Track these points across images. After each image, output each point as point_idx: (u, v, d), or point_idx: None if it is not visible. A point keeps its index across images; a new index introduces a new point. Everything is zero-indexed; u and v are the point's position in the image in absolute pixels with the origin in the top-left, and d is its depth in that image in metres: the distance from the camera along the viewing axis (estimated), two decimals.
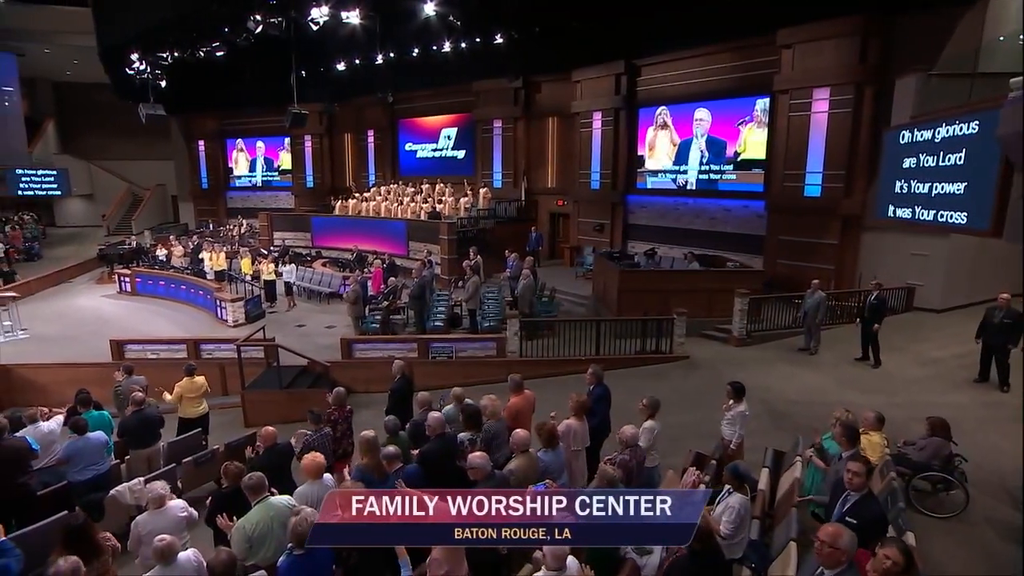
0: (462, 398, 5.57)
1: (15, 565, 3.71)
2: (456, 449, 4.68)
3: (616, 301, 10.82)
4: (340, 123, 21.78)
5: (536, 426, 4.57)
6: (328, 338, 10.53)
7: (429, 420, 4.64)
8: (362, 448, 4.51)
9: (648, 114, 15.64)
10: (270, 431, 4.81)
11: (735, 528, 3.67)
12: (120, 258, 17.82)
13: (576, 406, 5.17)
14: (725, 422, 5.49)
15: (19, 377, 9.75)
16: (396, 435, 5.02)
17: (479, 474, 3.75)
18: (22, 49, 21.87)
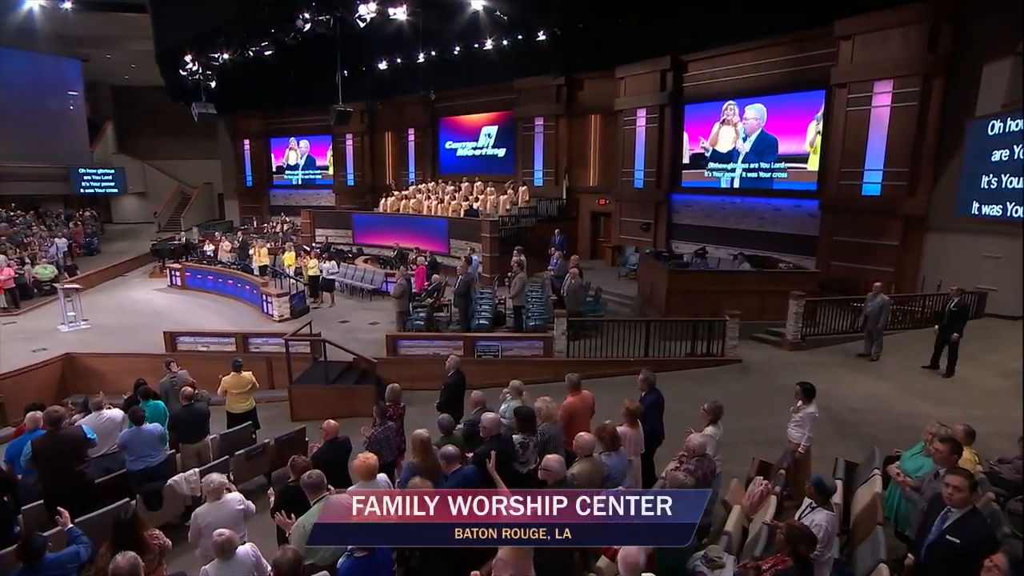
0: (521, 390, 5.45)
1: (85, 552, 3.76)
2: (513, 451, 4.55)
3: (664, 302, 10.53)
4: (381, 122, 22.00)
5: (597, 428, 4.39)
6: (372, 334, 10.58)
7: (483, 421, 4.53)
8: (415, 447, 4.42)
9: (694, 111, 15.22)
10: (333, 424, 4.80)
11: (823, 547, 3.41)
12: (171, 253, 18.41)
13: (627, 412, 4.98)
14: (793, 424, 5.20)
15: (82, 365, 10.12)
16: (450, 434, 4.92)
17: (553, 477, 3.59)
18: (87, 55, 23.02)
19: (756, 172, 13.96)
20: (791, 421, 5.24)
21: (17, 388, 9.11)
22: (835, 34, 11.47)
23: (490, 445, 4.43)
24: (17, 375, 9.35)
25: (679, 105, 15.45)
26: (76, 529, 3.92)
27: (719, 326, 9.35)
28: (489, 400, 5.86)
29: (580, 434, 4.13)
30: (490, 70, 16.76)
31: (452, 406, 6.35)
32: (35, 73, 22.40)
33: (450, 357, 6.48)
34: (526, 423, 4.66)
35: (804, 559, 2.91)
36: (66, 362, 10.13)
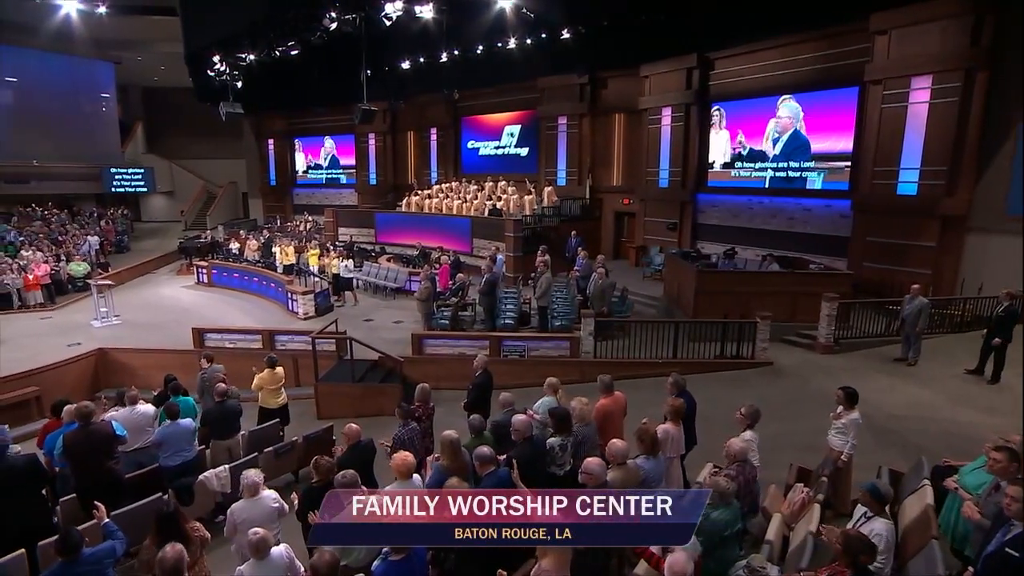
0: (557, 388, 5.36)
1: (120, 547, 3.78)
2: (546, 453, 4.47)
3: (692, 303, 10.34)
4: (403, 121, 22.09)
5: (637, 430, 4.28)
6: (396, 333, 10.57)
7: (515, 423, 4.44)
8: (444, 448, 4.36)
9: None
10: (354, 428, 4.74)
11: (884, 558, 3.25)
12: (197, 251, 18.71)
13: (673, 410, 4.87)
14: (834, 431, 5.01)
15: (114, 359, 10.32)
16: (481, 434, 4.85)
17: (594, 480, 3.50)
18: (119, 58, 23.59)
19: (786, 171, 13.66)
20: (832, 427, 5.06)
21: (54, 381, 9.34)
22: (871, 28, 11.13)
23: (522, 448, 4.35)
24: (54, 368, 9.58)
25: (706, 103, 15.21)
26: (112, 524, 3.94)
27: (749, 328, 9.14)
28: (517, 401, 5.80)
29: (613, 441, 4.02)
30: (513, 69, 16.66)
31: (480, 406, 6.28)
32: (71, 76, 23.08)
33: (478, 356, 6.41)
34: (562, 424, 4.57)
35: (864, 569, 2.77)
36: (99, 357, 10.35)
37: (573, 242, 13.94)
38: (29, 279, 14.40)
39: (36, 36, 19.40)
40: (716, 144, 14.98)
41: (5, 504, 4.60)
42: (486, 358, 6.46)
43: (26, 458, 4.93)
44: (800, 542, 3.83)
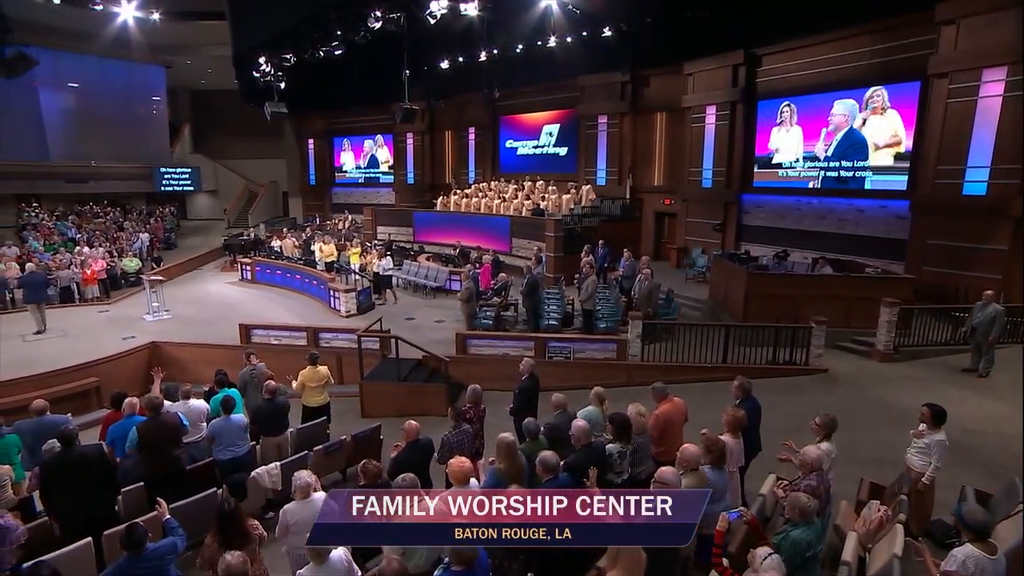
0: (604, 398, 5.21)
1: (181, 544, 3.81)
2: (606, 460, 4.32)
3: (741, 306, 10.01)
4: (441, 120, 22.19)
5: (705, 439, 4.09)
6: (438, 332, 10.54)
7: (573, 430, 4.31)
8: (500, 451, 4.26)
9: (769, 107, 14.49)
10: (414, 425, 4.68)
11: None
12: (241, 248, 19.17)
13: (732, 421, 4.65)
14: (915, 450, 4.70)
15: (165, 353, 10.59)
16: (536, 439, 4.73)
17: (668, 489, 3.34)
18: (170, 62, 24.48)
19: (838, 171, 13.12)
20: (912, 445, 4.75)
21: (111, 372, 9.66)
22: (936, 19, 10.55)
23: (581, 455, 4.22)
24: (112, 360, 9.90)
25: (752, 101, 14.76)
26: (173, 520, 3.97)
27: (803, 333, 8.78)
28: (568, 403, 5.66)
29: (686, 446, 3.84)
30: (552, 68, 16.53)
31: (526, 410, 6.18)
32: (126, 80, 24.09)
33: (524, 360, 6.28)
34: (622, 431, 4.42)
35: None
36: (152, 350, 10.65)
37: (600, 252, 12.66)
38: (87, 274, 15.00)
39: (95, 43, 20.29)
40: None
41: (75, 493, 4.73)
42: (532, 362, 6.31)
43: (96, 448, 5.07)
44: (884, 565, 3.58)
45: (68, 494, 4.75)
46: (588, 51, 15.24)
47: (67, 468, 4.74)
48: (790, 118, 14.05)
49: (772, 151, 14.49)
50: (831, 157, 13.21)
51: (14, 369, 9.42)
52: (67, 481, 4.75)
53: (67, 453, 4.77)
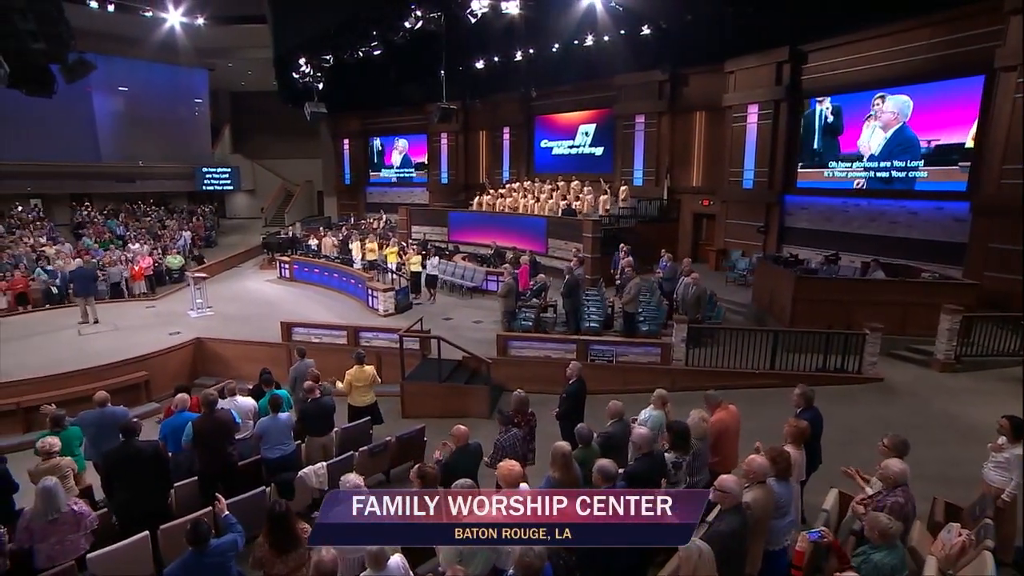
0: (666, 400, 5.06)
1: (241, 540, 3.81)
2: (666, 470, 4.18)
3: (789, 311, 9.67)
4: (475, 120, 22.20)
5: (770, 451, 3.91)
6: (477, 333, 10.49)
7: (635, 437, 4.18)
8: (555, 461, 4.15)
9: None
10: (462, 430, 4.60)
11: None
12: (279, 247, 19.53)
13: (795, 432, 4.44)
14: (993, 465, 4.42)
15: (209, 349, 10.82)
16: (589, 446, 4.61)
17: (730, 500, 3.19)
18: (213, 65, 25.21)
19: (889, 171, 12.59)
20: (990, 460, 4.46)
21: (159, 367, 9.92)
22: (1005, 8, 9.98)
23: (643, 463, 4.09)
24: (160, 355, 10.16)
25: (797, 99, 14.31)
26: (231, 516, 3.98)
27: (856, 340, 8.41)
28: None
29: (753, 457, 3.67)
30: (589, 66, 16.43)
31: (573, 415, 6.06)
32: (171, 83, 24.97)
33: (571, 363, 6.16)
34: (681, 440, 4.27)
35: None
36: (196, 346, 10.88)
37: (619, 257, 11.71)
38: (135, 270, 15.50)
39: (144, 48, 21.08)
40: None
41: (131, 486, 4.82)
42: (580, 365, 6.18)
43: (152, 443, 5.15)
44: None
45: (125, 487, 4.84)
46: (626, 50, 15.05)
47: (125, 461, 4.83)
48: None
49: (819, 150, 14.00)
50: (882, 156, 12.69)
51: (72, 362, 9.77)
52: (125, 474, 4.84)
53: (127, 446, 4.86)
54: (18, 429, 8.30)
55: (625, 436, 4.82)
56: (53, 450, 5.16)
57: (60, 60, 8.24)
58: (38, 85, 8.39)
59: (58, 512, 4.12)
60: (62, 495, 4.19)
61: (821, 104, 13.81)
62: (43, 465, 5.08)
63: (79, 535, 4.26)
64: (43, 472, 4.99)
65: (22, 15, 6.96)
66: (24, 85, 8.18)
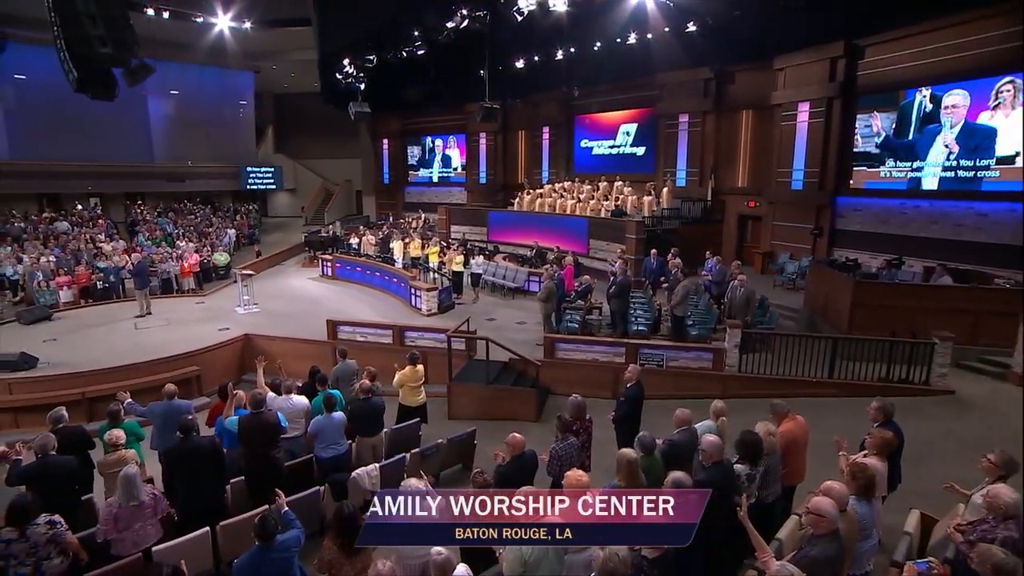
0: (723, 413, 4.87)
1: (302, 536, 3.81)
2: (736, 482, 3.99)
3: (847, 317, 9.26)
4: (514, 120, 22.13)
5: (851, 466, 3.68)
6: (521, 334, 10.40)
7: (706, 445, 4.00)
8: (621, 469, 4.01)
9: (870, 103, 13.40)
10: (518, 439, 4.48)
11: None
12: (320, 245, 19.86)
13: (880, 443, 4.18)
14: None
15: (257, 346, 11.00)
16: (651, 454, 4.46)
17: (826, 525, 2.99)
18: (258, 67, 25.92)
19: (954, 171, 11.94)
20: None
21: (209, 362, 10.18)
22: None
23: (714, 474, 3.91)
24: (210, 351, 10.42)
25: (852, 96, 13.72)
26: (291, 513, 3.99)
27: (923, 349, 7.98)
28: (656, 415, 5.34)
29: (831, 484, 3.42)
30: (631, 65, 16.16)
31: (631, 420, 5.91)
32: (219, 86, 25.81)
33: (630, 366, 6.00)
34: (751, 451, 4.07)
35: None
36: (245, 342, 11.11)
37: (654, 263, 11.47)
38: (184, 267, 15.99)
39: (194, 52, 21.85)
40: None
41: (191, 482, 4.90)
42: (639, 368, 6.01)
43: (210, 439, 5.23)
44: None
45: (185, 482, 4.93)
46: (670, 48, 14.73)
47: (185, 457, 4.92)
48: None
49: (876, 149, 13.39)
50: (948, 155, 12.04)
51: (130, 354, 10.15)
52: (184, 470, 4.93)
53: (185, 443, 4.94)
54: (82, 418, 8.62)
55: (691, 445, 4.64)
56: (120, 442, 5.30)
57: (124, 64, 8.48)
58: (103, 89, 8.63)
59: (139, 499, 4.23)
60: (140, 482, 4.30)
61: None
62: (111, 457, 5.23)
63: (156, 519, 4.38)
64: (112, 463, 5.13)
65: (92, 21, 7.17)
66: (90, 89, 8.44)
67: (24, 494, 4.10)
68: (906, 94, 12.67)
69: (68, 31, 6.97)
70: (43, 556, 3.79)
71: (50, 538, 3.83)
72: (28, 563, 3.73)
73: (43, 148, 21.05)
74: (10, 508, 3.81)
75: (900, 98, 12.77)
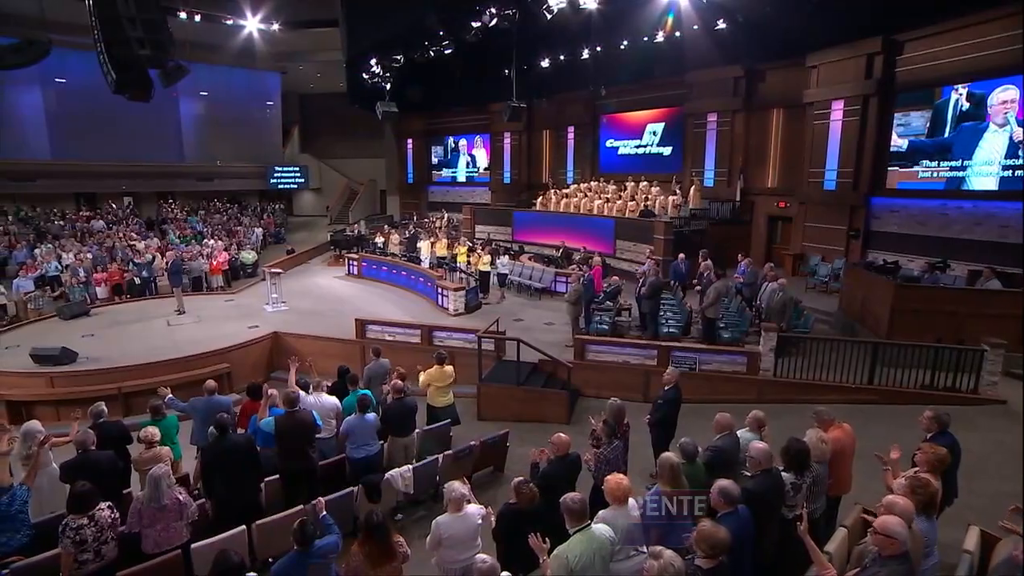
0: (764, 423, 4.71)
1: (340, 543, 3.78)
2: (785, 492, 3.85)
3: (886, 321, 8.96)
4: (539, 120, 22.01)
5: (912, 481, 3.51)
6: (549, 335, 10.29)
7: (753, 451, 3.86)
8: (664, 473, 3.89)
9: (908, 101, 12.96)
10: (564, 439, 4.40)
11: None
12: (346, 244, 20.01)
13: (934, 460, 3.95)
14: None
15: (285, 343, 11.11)
16: (693, 461, 4.33)
17: (896, 547, 2.84)
18: (285, 68, 26.28)
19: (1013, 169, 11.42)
20: None
21: (240, 360, 10.29)
22: None
23: (763, 483, 3.77)
24: (240, 348, 10.53)
25: (890, 93, 13.32)
26: (329, 518, 3.95)
27: (971, 356, 7.66)
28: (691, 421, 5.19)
29: (895, 499, 3.25)
30: (659, 64, 15.94)
31: (668, 424, 5.78)
32: (247, 87, 26.28)
33: (669, 369, 5.86)
34: (798, 460, 3.92)
35: None
36: (273, 340, 11.21)
37: (682, 266, 11.38)
38: (214, 265, 16.25)
39: (223, 54, 22.26)
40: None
41: (229, 481, 4.91)
42: (678, 371, 5.87)
43: (246, 437, 5.25)
44: None
45: (222, 481, 4.95)
46: (699, 46, 14.47)
47: (222, 455, 4.94)
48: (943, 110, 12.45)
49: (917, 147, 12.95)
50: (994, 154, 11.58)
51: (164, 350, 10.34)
52: (222, 468, 4.95)
53: (222, 441, 4.96)
54: (119, 412, 8.79)
55: (734, 451, 4.51)
56: (154, 440, 5.35)
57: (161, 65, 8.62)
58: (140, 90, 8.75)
59: (160, 502, 4.24)
60: (165, 485, 4.31)
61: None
62: (146, 454, 5.28)
63: (181, 523, 4.37)
64: (146, 460, 5.18)
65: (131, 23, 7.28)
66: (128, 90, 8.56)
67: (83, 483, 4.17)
68: (942, 92, 12.27)
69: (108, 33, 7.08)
70: (103, 540, 3.95)
71: (112, 522, 3.97)
72: (91, 549, 3.88)
73: (81, 149, 21.73)
74: (74, 496, 3.95)
75: (937, 96, 12.38)
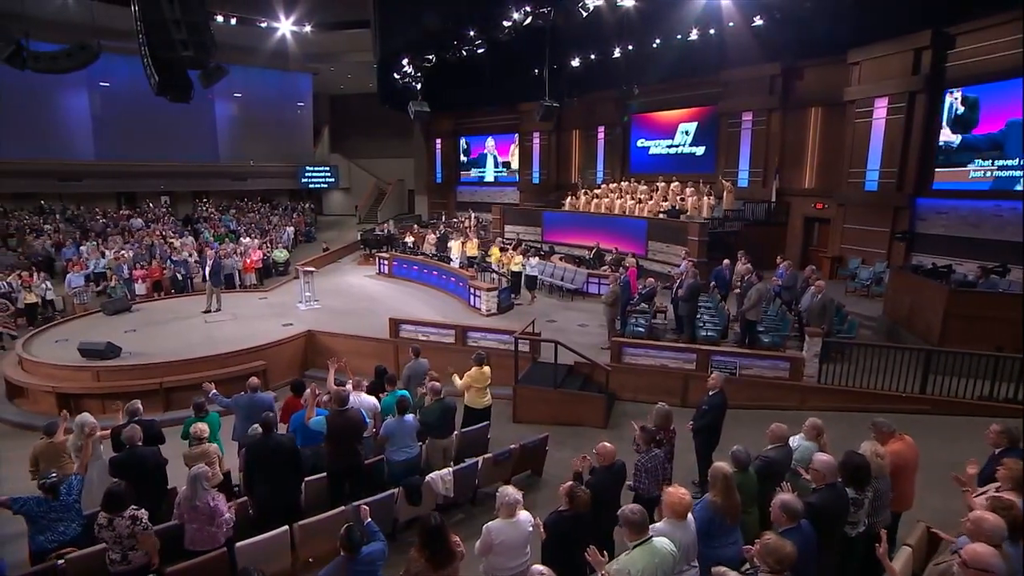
0: (822, 431, 4.53)
1: (386, 550, 3.73)
2: (847, 507, 3.68)
3: (938, 328, 8.60)
4: (568, 119, 21.81)
5: (994, 502, 3.30)
6: (583, 337, 10.14)
7: (818, 464, 3.68)
8: (716, 484, 3.75)
9: None
10: (609, 448, 4.28)
11: None
12: (376, 243, 20.14)
13: (1017, 476, 3.73)
14: None
15: (319, 342, 11.19)
16: (745, 471, 4.16)
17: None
18: (316, 69, 26.71)
19: None
20: None
21: (275, 357, 10.41)
22: None
23: (826, 496, 3.60)
24: (275, 346, 10.65)
25: (937, 90, 12.80)
26: (374, 524, 3.91)
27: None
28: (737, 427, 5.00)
29: (983, 515, 3.06)
30: (692, 62, 15.66)
31: (710, 430, 5.62)
32: (279, 88, 26.84)
33: (714, 374, 5.71)
34: (858, 475, 3.72)
35: None
36: (308, 338, 11.31)
37: (727, 273, 11.06)
38: (247, 263, 16.53)
39: (257, 56, 22.71)
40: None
41: (271, 481, 4.92)
42: (723, 376, 5.71)
43: (289, 437, 5.27)
44: None
45: (265, 480, 4.96)
46: (735, 43, 14.16)
47: (266, 454, 4.95)
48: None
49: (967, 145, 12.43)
50: None
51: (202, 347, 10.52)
52: (264, 467, 4.96)
53: (266, 440, 4.98)
54: (159, 407, 8.98)
55: (786, 463, 4.34)
56: (204, 436, 5.42)
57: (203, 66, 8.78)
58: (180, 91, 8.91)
59: (193, 503, 4.28)
60: (201, 486, 4.32)
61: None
62: (195, 450, 5.35)
63: (213, 528, 4.38)
64: (195, 456, 5.26)
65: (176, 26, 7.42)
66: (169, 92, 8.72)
67: (119, 483, 4.22)
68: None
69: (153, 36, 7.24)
70: (128, 547, 4.02)
71: (131, 532, 4.00)
72: (116, 551, 4.00)
73: (122, 149, 22.56)
74: (106, 495, 4.03)
75: None
